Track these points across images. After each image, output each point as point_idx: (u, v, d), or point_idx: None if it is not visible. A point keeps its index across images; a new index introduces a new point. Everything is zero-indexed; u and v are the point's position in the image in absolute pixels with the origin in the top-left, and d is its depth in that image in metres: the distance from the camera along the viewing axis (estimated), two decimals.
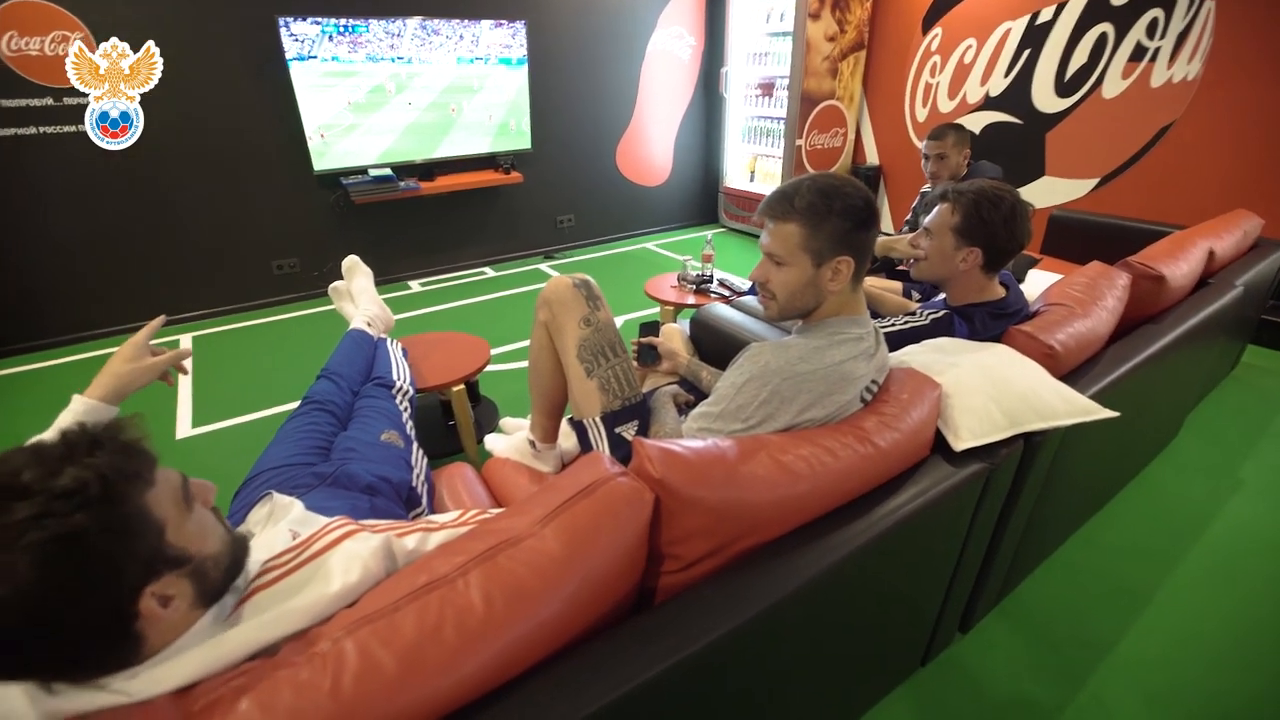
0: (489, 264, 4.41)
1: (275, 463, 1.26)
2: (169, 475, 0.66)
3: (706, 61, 4.69)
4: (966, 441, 1.05)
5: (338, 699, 0.59)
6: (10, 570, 0.50)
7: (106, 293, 3.26)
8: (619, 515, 0.77)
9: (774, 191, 1.03)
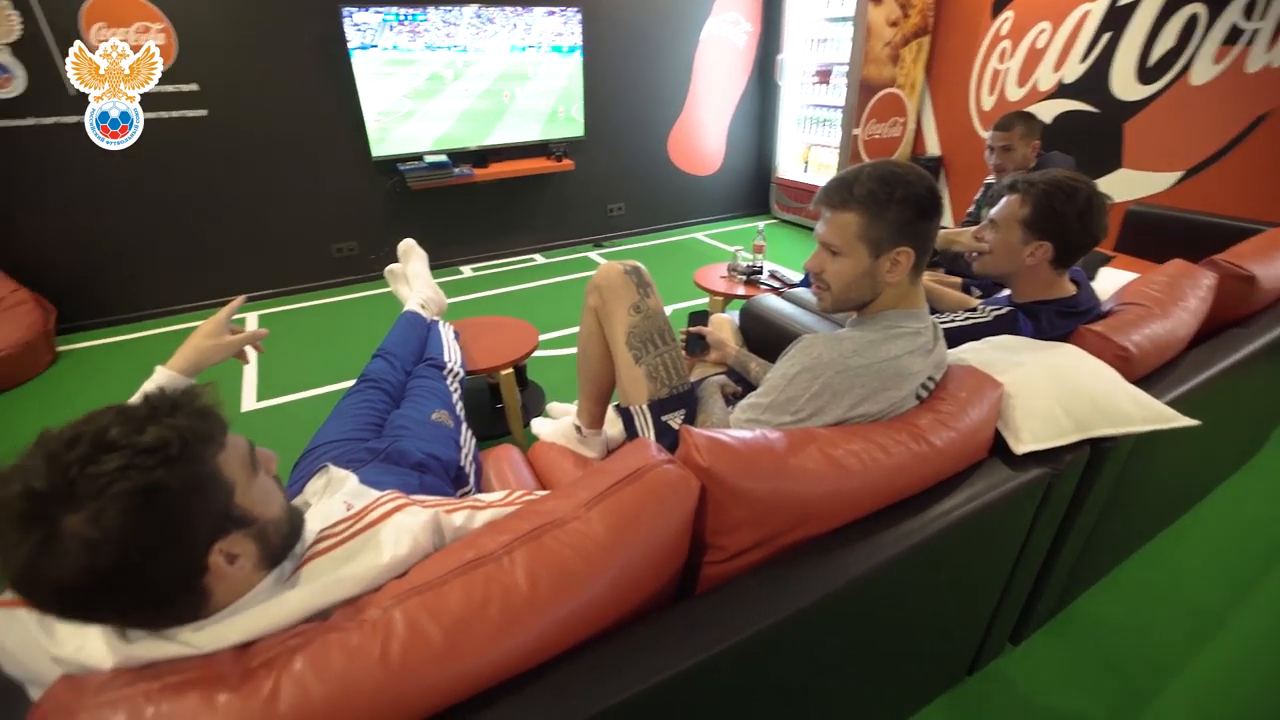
0: (539, 250, 4.46)
1: (331, 437, 1.31)
2: (238, 441, 0.69)
3: (762, 48, 4.59)
4: (1028, 444, 1.00)
5: (386, 666, 0.61)
6: (99, 515, 0.53)
7: (183, 271, 3.45)
8: (664, 502, 0.77)
9: (832, 179, 1.00)
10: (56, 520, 0.53)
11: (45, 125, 2.92)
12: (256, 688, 0.58)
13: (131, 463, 0.56)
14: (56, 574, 0.53)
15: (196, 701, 0.57)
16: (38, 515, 0.53)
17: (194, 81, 3.12)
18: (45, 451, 0.56)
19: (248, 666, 0.61)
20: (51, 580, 0.53)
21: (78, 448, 0.56)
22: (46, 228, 3.07)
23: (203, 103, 3.18)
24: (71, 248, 3.14)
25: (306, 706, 0.58)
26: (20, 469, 0.55)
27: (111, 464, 0.55)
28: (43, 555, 0.53)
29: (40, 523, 0.53)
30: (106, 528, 0.54)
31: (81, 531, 0.53)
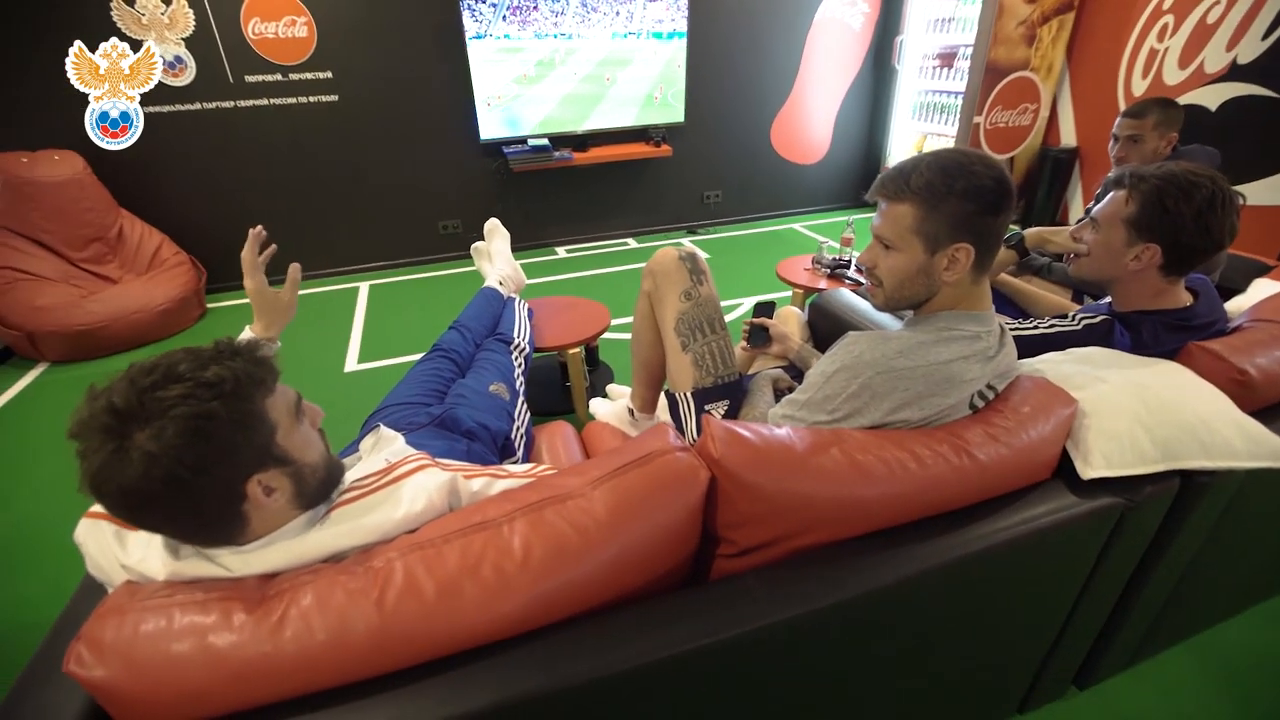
0: (633, 235, 4.51)
1: (399, 399, 1.41)
2: (287, 391, 0.77)
3: (880, 30, 4.32)
4: (1098, 469, 0.89)
5: (381, 609, 0.65)
6: (161, 432, 0.62)
7: (310, 240, 3.82)
8: (669, 489, 0.76)
9: (891, 167, 0.93)
10: (128, 433, 0.62)
11: (209, 109, 3.34)
12: (268, 612, 0.65)
13: (192, 393, 0.64)
14: (121, 478, 0.62)
15: (218, 616, 0.64)
16: (114, 427, 0.62)
17: (328, 69, 3.43)
18: (129, 377, 0.65)
19: (266, 594, 0.68)
20: (118, 483, 0.62)
21: (153, 375, 0.65)
22: (203, 199, 3.52)
23: (335, 89, 3.49)
24: (221, 217, 3.57)
25: (307, 635, 0.64)
26: (109, 389, 0.64)
27: (175, 391, 0.64)
28: (114, 461, 0.62)
29: (115, 434, 0.62)
30: (164, 444, 0.62)
31: (145, 445, 0.61)
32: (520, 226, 4.19)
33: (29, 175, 2.86)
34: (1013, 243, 1.42)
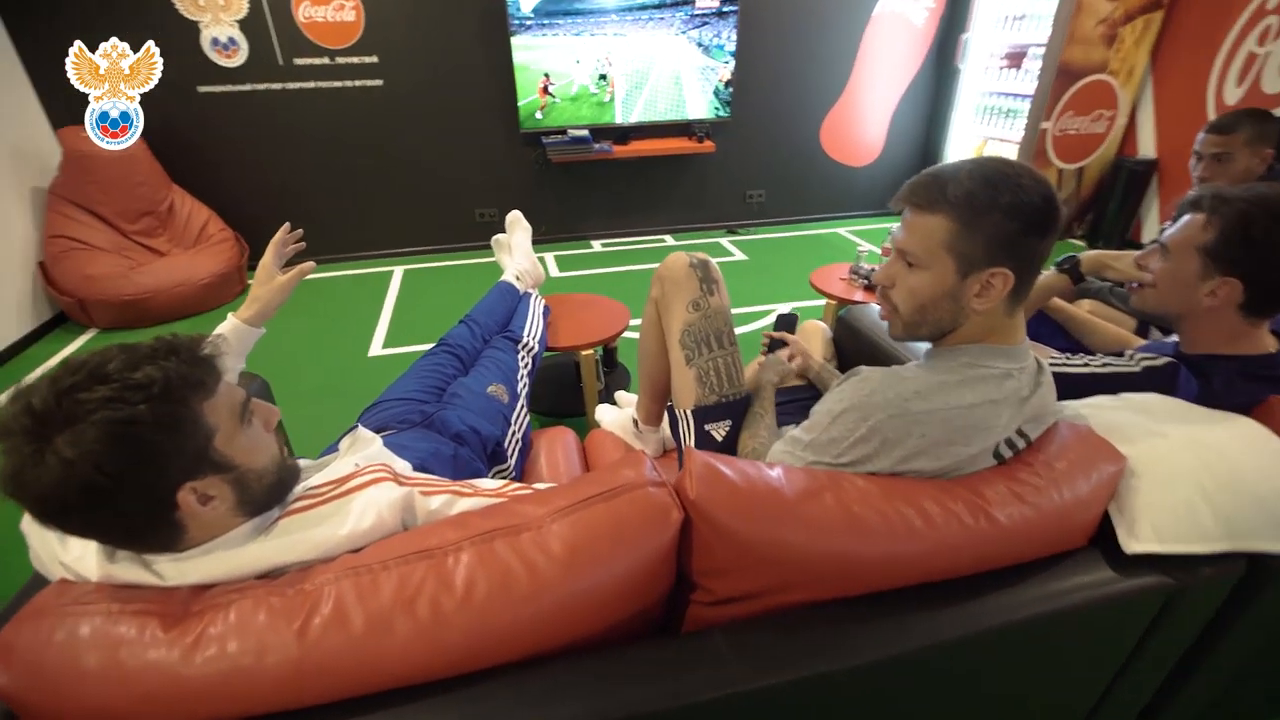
0: (671, 232, 4.42)
1: (396, 394, 1.37)
2: (233, 392, 0.72)
3: (944, 27, 4.08)
4: (1145, 543, 0.76)
5: (302, 638, 0.60)
6: (80, 436, 0.57)
7: (348, 221, 3.88)
8: (635, 530, 0.68)
9: (922, 173, 0.81)
10: (48, 437, 0.58)
11: (259, 90, 3.41)
12: (186, 630, 0.60)
13: (118, 395, 0.60)
14: (36, 484, 0.58)
15: (135, 631, 0.60)
16: (32, 430, 0.58)
17: (374, 54, 3.45)
18: (52, 375, 0.61)
19: (189, 609, 0.63)
20: (31, 488, 0.58)
21: (76, 375, 0.61)
22: (250, 177, 3.60)
23: (380, 73, 3.51)
24: (264, 195, 3.65)
25: (221, 660, 0.59)
26: (33, 388, 0.61)
27: (99, 394, 0.59)
28: (30, 465, 0.58)
29: (33, 436, 0.58)
30: (82, 450, 0.57)
31: (62, 450, 0.57)
32: (556, 218, 4.16)
33: (88, 150, 2.97)
34: (1065, 266, 1.27)
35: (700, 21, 3.67)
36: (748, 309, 3.14)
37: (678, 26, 3.66)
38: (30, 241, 3.02)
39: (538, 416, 2.20)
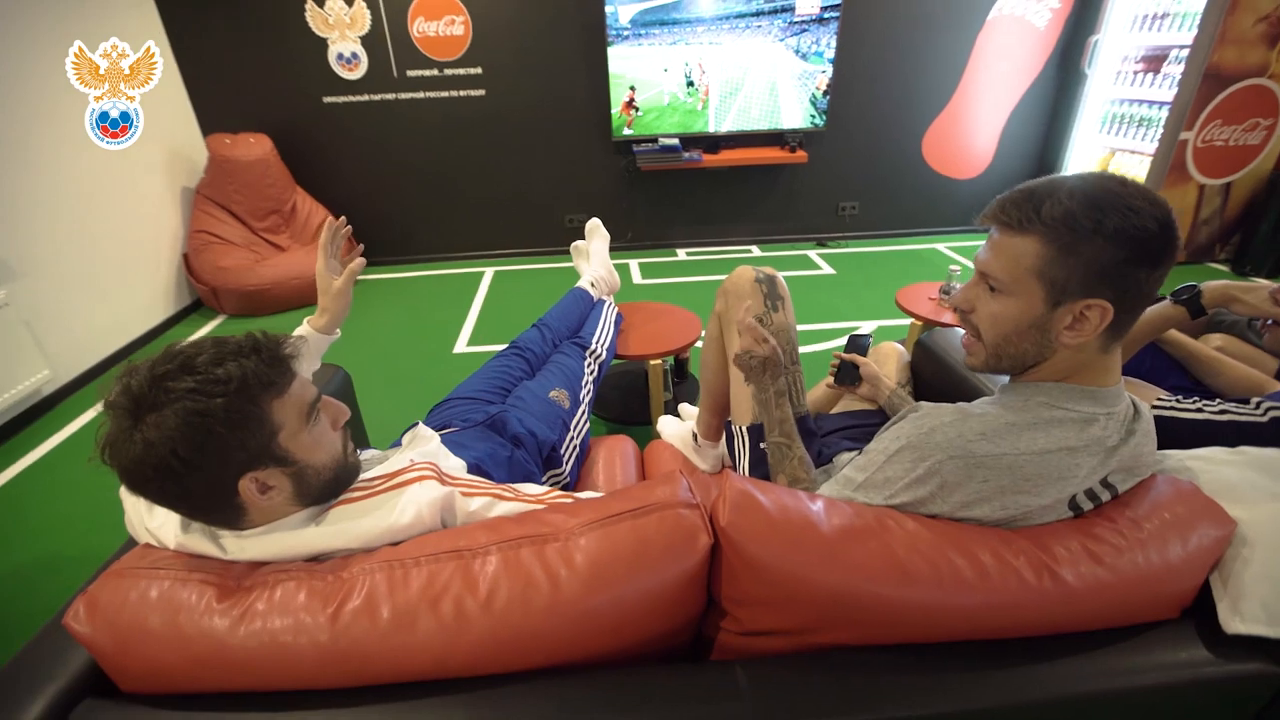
0: (758, 243, 4.34)
1: (464, 393, 1.43)
2: (305, 391, 0.77)
3: (1070, 28, 3.74)
4: (1252, 624, 0.66)
5: (334, 624, 0.63)
6: (163, 421, 0.64)
7: (447, 224, 4.10)
8: (661, 550, 0.67)
9: (1016, 188, 0.73)
10: (139, 416, 0.65)
11: (374, 100, 3.69)
12: (237, 603, 0.66)
13: (199, 388, 0.66)
14: (125, 456, 0.65)
15: (195, 599, 0.66)
16: (129, 409, 0.65)
17: (479, 66, 3.64)
18: (153, 361, 0.69)
19: (243, 583, 0.69)
20: (120, 459, 0.66)
21: (171, 364, 0.68)
22: (363, 180, 3.90)
23: (483, 84, 3.69)
24: (377, 197, 3.94)
25: (262, 634, 0.63)
26: (137, 369, 0.68)
27: (185, 384, 0.66)
28: (122, 439, 0.65)
29: (129, 415, 0.65)
30: (162, 434, 0.64)
31: (147, 431, 0.64)
32: (643, 225, 4.20)
33: (229, 154, 3.33)
34: (1184, 297, 1.11)
35: (799, 29, 3.58)
36: (829, 325, 3.03)
37: (775, 34, 3.59)
38: (178, 235, 3.43)
39: (605, 422, 2.23)
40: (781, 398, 1.03)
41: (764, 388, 1.02)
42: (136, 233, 3.16)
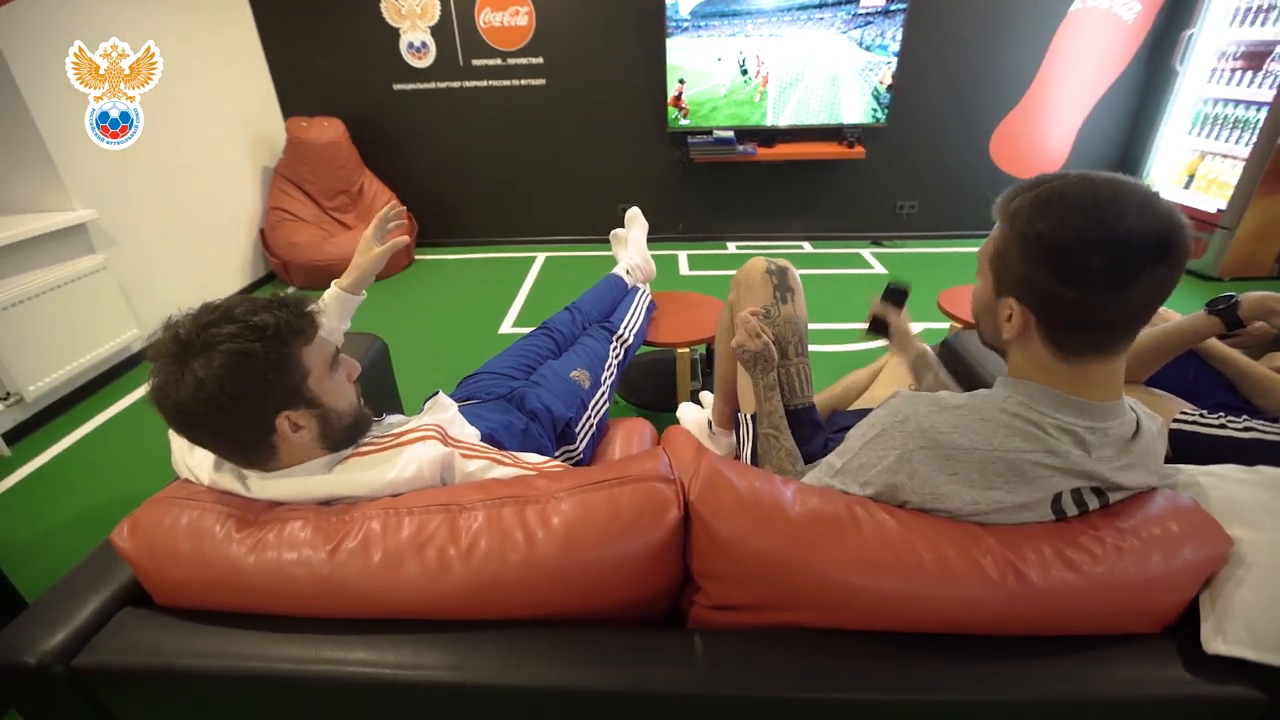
0: (810, 239, 4.27)
1: (492, 369, 1.50)
2: (326, 344, 0.85)
3: (1161, 22, 3.48)
4: (1234, 645, 0.63)
5: (331, 559, 0.70)
6: (210, 362, 0.73)
7: (502, 209, 4.23)
8: (631, 519, 0.71)
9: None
10: (186, 360, 0.74)
11: (440, 88, 3.83)
12: (252, 534, 0.74)
13: (240, 333, 0.75)
14: (175, 396, 0.74)
15: (217, 527, 0.74)
16: (177, 354, 0.74)
17: (540, 55, 3.72)
18: (197, 313, 0.78)
19: (260, 517, 0.77)
20: (171, 399, 0.74)
21: (214, 314, 0.76)
22: (426, 165, 4.07)
23: (544, 74, 3.78)
24: (438, 181, 4.11)
25: (271, 563, 0.71)
26: (178, 322, 0.77)
27: (227, 330, 0.75)
28: (171, 381, 0.74)
29: (177, 359, 0.74)
30: (211, 372, 0.73)
31: (197, 370, 0.73)
32: (695, 217, 4.20)
33: (305, 136, 3.55)
34: (1219, 307, 1.03)
35: (864, 21, 3.49)
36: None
37: (839, 26, 3.51)
38: (257, 212, 3.69)
39: (634, 407, 2.27)
40: (772, 391, 1.04)
41: (756, 380, 1.04)
42: (221, 208, 3.43)
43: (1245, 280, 3.29)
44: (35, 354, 2.29)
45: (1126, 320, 0.66)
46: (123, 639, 0.72)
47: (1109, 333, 0.67)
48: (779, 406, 1.05)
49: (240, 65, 3.58)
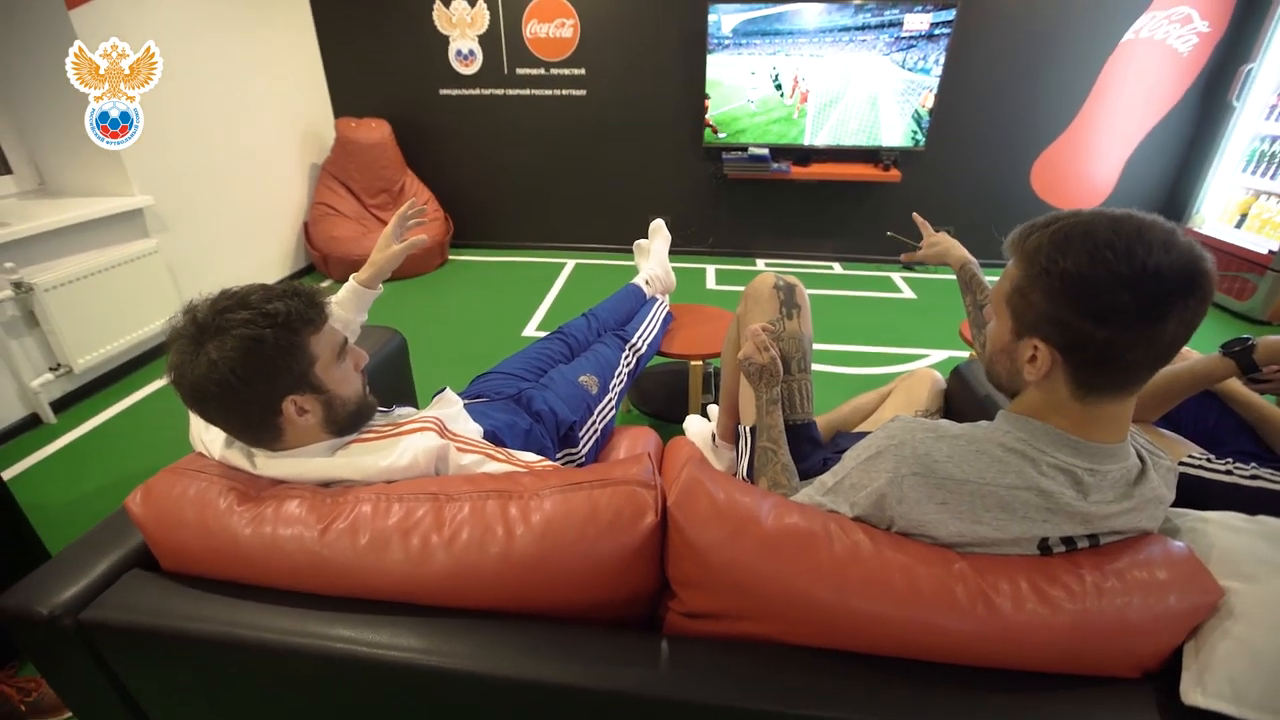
0: (840, 260, 4.24)
1: (505, 369, 1.54)
2: (335, 334, 0.89)
3: (1219, 55, 3.38)
4: (1214, 699, 0.61)
5: (322, 538, 0.74)
6: (224, 344, 0.77)
7: (537, 214, 4.31)
8: (607, 521, 0.73)
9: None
10: (203, 342, 0.78)
11: (485, 95, 3.94)
12: (252, 509, 0.78)
13: (253, 319, 0.79)
14: (191, 375, 0.79)
15: (221, 499, 0.79)
16: (194, 335, 0.79)
17: (583, 67, 3.80)
18: (214, 298, 0.83)
19: (262, 493, 0.81)
20: (187, 378, 0.79)
21: (230, 300, 0.81)
22: (466, 168, 4.18)
23: (585, 84, 3.85)
24: (476, 185, 4.21)
25: (266, 538, 0.75)
26: (196, 306, 0.82)
27: (241, 315, 0.79)
28: (189, 361, 0.79)
29: (194, 341, 0.79)
30: (224, 354, 0.77)
31: (211, 352, 0.77)
32: (726, 232, 4.22)
33: (352, 136, 3.69)
34: (1234, 349, 0.99)
35: (907, 44, 3.47)
36: (900, 349, 2.93)
37: (881, 48, 3.50)
38: (302, 206, 3.84)
39: (645, 415, 2.28)
40: (774, 405, 1.05)
41: (760, 394, 1.05)
42: (269, 201, 3.58)
43: None
44: (86, 329, 2.42)
45: (1153, 359, 0.65)
46: (127, 598, 0.76)
47: (1135, 371, 0.66)
48: (779, 421, 1.05)
49: (298, 65, 3.75)
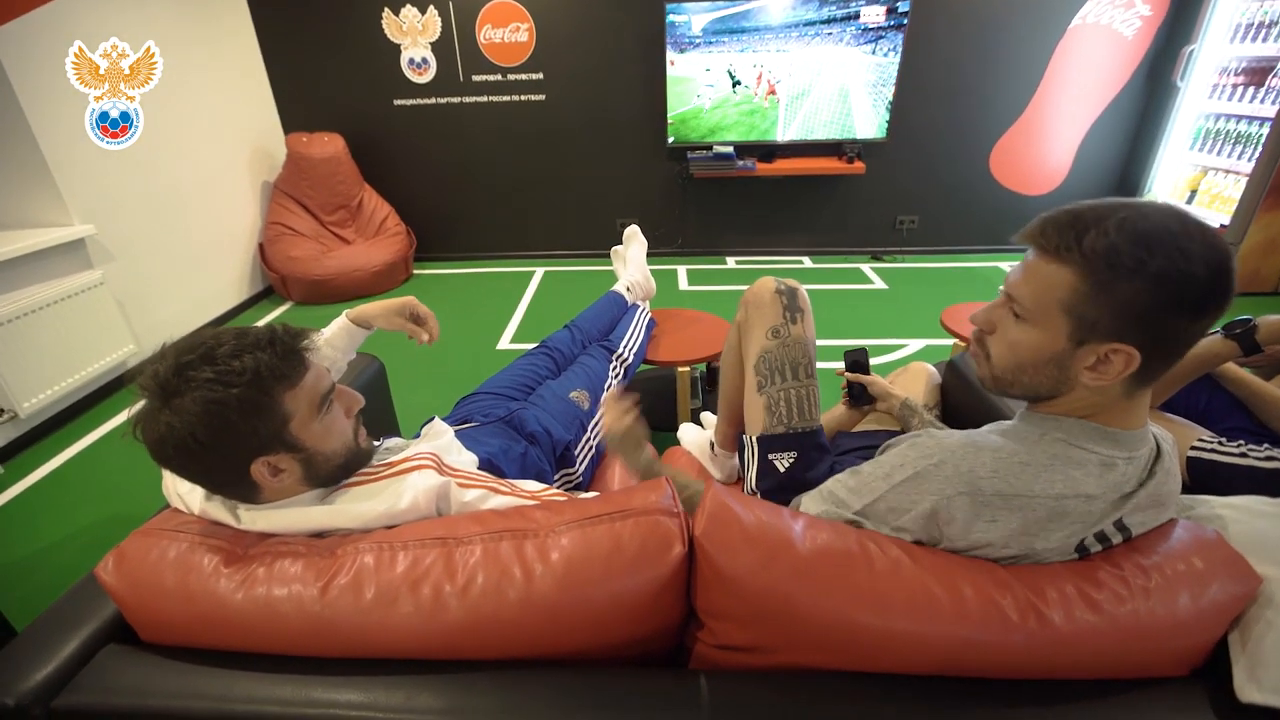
0: (810, 254, 4.27)
1: (490, 388, 1.48)
2: (319, 382, 0.81)
3: (1162, 38, 3.50)
4: (1270, 696, 0.60)
5: (323, 596, 0.68)
6: (183, 408, 0.70)
7: (500, 224, 4.23)
8: (634, 555, 0.68)
9: (1062, 209, 0.67)
10: (165, 400, 0.71)
11: (441, 104, 3.85)
12: (240, 569, 0.71)
13: (217, 378, 0.71)
14: (150, 434, 0.71)
15: (205, 562, 0.72)
16: (155, 392, 0.71)
17: (540, 71, 3.74)
18: (177, 350, 0.74)
19: (249, 551, 0.74)
20: (147, 436, 0.72)
21: (193, 355, 0.73)
22: (426, 179, 4.07)
23: (543, 89, 3.79)
24: (437, 196, 4.11)
25: (261, 600, 0.68)
26: (165, 354, 0.74)
27: (204, 374, 0.71)
28: (148, 419, 0.71)
29: (156, 397, 0.71)
30: (182, 418, 0.70)
31: (169, 417, 0.70)
32: (695, 232, 4.20)
33: (305, 151, 3.55)
34: (1236, 331, 1.01)
35: (873, 36, 3.49)
36: (878, 340, 2.94)
37: (848, 41, 3.52)
38: (255, 226, 3.68)
39: None
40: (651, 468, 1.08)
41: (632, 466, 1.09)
42: (220, 223, 3.42)
43: (1248, 296, 3.27)
44: (31, 370, 2.27)
45: (1186, 349, 0.65)
46: (105, 679, 0.69)
47: (1179, 359, 0.66)
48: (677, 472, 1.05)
49: (241, 80, 3.59)
